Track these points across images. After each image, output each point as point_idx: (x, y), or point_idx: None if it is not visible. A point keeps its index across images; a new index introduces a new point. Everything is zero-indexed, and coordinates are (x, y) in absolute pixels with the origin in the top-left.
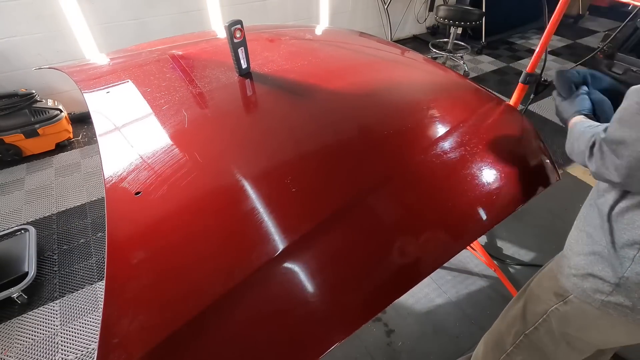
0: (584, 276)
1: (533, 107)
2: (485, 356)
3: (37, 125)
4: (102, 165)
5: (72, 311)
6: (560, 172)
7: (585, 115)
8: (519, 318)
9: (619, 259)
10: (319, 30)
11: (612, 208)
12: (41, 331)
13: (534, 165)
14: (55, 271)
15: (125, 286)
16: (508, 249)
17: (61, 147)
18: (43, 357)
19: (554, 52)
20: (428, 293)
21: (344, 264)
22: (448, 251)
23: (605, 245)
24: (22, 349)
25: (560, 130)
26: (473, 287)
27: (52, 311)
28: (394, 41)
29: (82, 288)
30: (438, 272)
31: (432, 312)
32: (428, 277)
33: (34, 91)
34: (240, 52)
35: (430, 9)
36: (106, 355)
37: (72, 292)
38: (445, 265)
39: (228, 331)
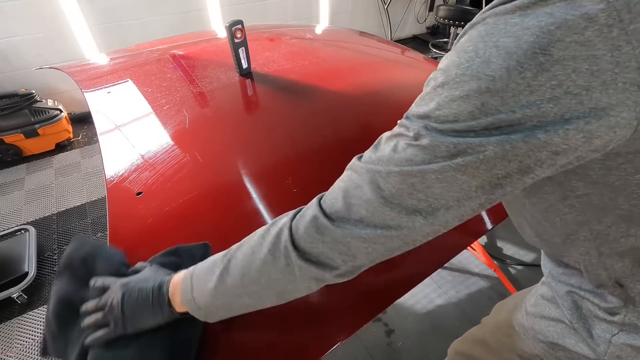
0: (554, 345)
1: None
2: None
3: (37, 125)
4: (103, 166)
5: None
6: None
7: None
8: None
9: (592, 339)
10: (319, 30)
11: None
12: (41, 331)
13: None
14: (55, 271)
15: None
16: (508, 249)
17: (61, 147)
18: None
19: None
20: (428, 293)
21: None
22: (448, 251)
23: (571, 317)
24: (22, 349)
25: None
26: (473, 287)
27: None
28: (394, 41)
29: None
30: (438, 272)
31: (432, 312)
32: (428, 277)
33: (34, 91)
34: (241, 52)
35: (430, 9)
36: None
37: None
38: (445, 265)
39: (230, 331)
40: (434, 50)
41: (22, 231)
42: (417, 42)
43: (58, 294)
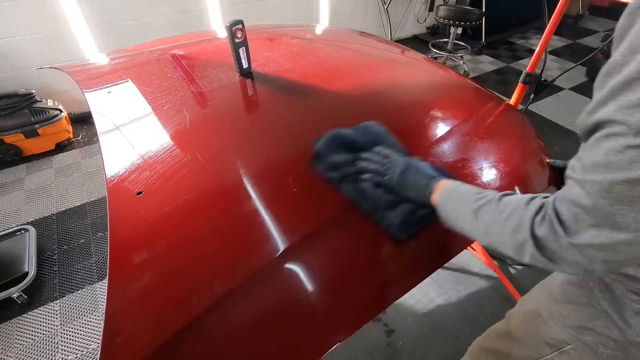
0: (580, 329)
1: (533, 107)
2: None
3: (37, 125)
4: (104, 165)
5: (72, 311)
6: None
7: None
8: (505, 357)
9: (624, 320)
10: (319, 30)
11: None
12: (41, 331)
13: (534, 164)
14: (55, 271)
15: (127, 286)
16: None
17: (61, 147)
18: (43, 357)
19: (554, 52)
20: (428, 293)
21: (345, 264)
22: (448, 251)
23: (602, 300)
24: (22, 349)
25: (560, 131)
26: (473, 287)
27: (52, 311)
28: (394, 41)
29: (82, 288)
30: (438, 272)
31: (432, 312)
32: (428, 277)
33: (34, 91)
34: (241, 52)
35: (430, 9)
36: (109, 354)
37: (72, 292)
38: (445, 265)
39: (230, 331)
40: (434, 50)
41: (22, 231)
42: (417, 42)
43: (351, 133)
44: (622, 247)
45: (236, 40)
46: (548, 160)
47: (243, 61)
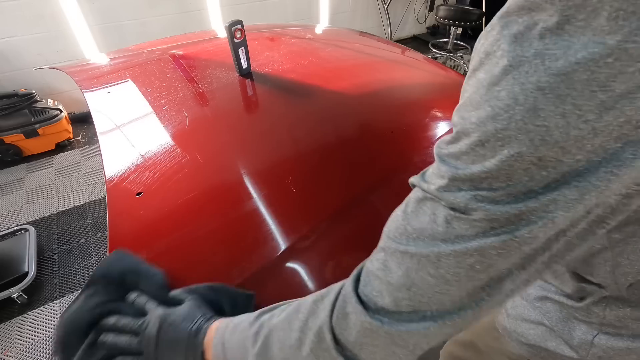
0: (537, 347)
1: None
2: None
3: (37, 125)
4: (103, 166)
5: None
6: None
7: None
8: None
9: (574, 340)
10: (319, 30)
11: None
12: (41, 331)
13: None
14: (55, 271)
15: None
16: None
17: (61, 147)
18: (43, 357)
19: None
20: None
21: (345, 264)
22: None
23: (553, 320)
24: (22, 349)
25: None
26: None
27: (52, 311)
28: (394, 41)
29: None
30: None
31: None
32: None
33: (34, 91)
34: (241, 52)
35: (430, 9)
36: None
37: (72, 292)
38: None
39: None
40: (434, 50)
41: (22, 231)
42: (417, 42)
43: (87, 298)
44: (442, 330)
45: (235, 41)
46: None
47: (242, 61)
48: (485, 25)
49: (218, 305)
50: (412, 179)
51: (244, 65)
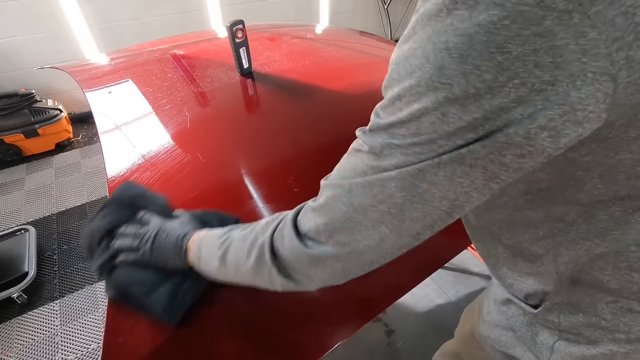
0: (508, 356)
1: None
2: None
3: (37, 125)
4: (105, 165)
5: (72, 311)
6: None
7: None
8: None
9: (536, 346)
10: (319, 30)
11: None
12: (41, 331)
13: None
14: (55, 271)
15: None
16: None
17: (61, 147)
18: (43, 357)
19: None
20: (428, 293)
21: None
22: (448, 251)
23: (520, 325)
24: (22, 349)
25: None
26: (473, 287)
27: (52, 311)
28: (394, 41)
29: (82, 288)
30: (438, 272)
31: (432, 312)
32: (428, 277)
33: (34, 91)
34: (242, 52)
35: None
36: (111, 354)
37: (72, 292)
38: (445, 265)
39: (231, 330)
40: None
41: (22, 231)
42: None
43: (103, 216)
44: (358, 256)
45: (237, 40)
46: None
47: (244, 61)
48: None
49: (209, 224)
50: (357, 130)
51: (245, 65)
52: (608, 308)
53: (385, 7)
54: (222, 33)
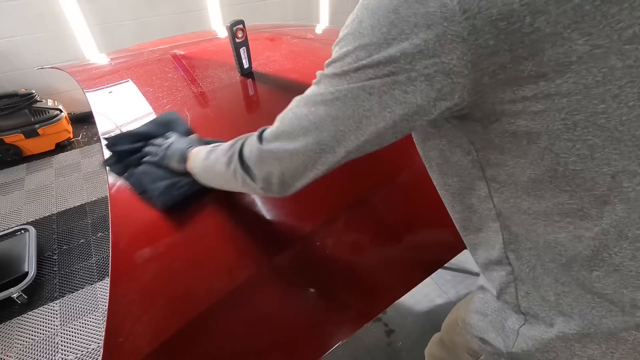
0: (483, 341)
1: None
2: None
3: (37, 125)
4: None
5: (72, 311)
6: None
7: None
8: None
9: (504, 331)
10: (319, 30)
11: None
12: (41, 331)
13: None
14: (55, 271)
15: (129, 286)
16: None
17: (61, 147)
18: (43, 357)
19: None
20: (428, 293)
21: (345, 264)
22: (449, 251)
23: (493, 310)
24: (22, 349)
25: None
26: (473, 287)
27: (52, 311)
28: None
29: (82, 288)
30: (438, 272)
31: (432, 312)
32: (428, 277)
33: (34, 91)
34: (242, 52)
35: None
36: (111, 354)
37: (72, 292)
38: (445, 265)
39: (231, 330)
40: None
41: (22, 231)
42: None
43: (144, 126)
44: (294, 156)
45: (237, 40)
46: None
47: (244, 61)
48: None
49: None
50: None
51: (245, 65)
52: (551, 287)
53: None
54: (222, 33)
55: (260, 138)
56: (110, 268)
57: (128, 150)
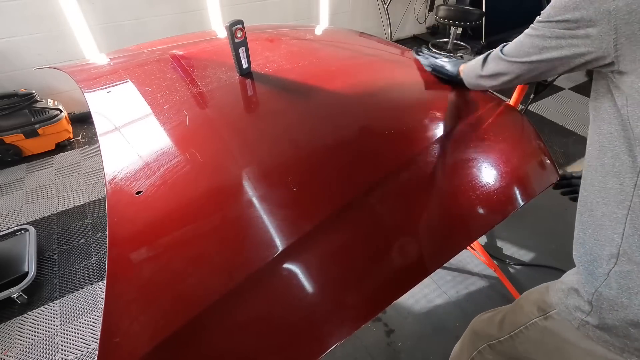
0: (569, 291)
1: (533, 107)
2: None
3: (37, 125)
4: (103, 165)
5: (72, 311)
6: (560, 172)
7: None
8: (495, 325)
9: (595, 273)
10: (319, 30)
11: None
12: (41, 331)
13: (534, 165)
14: (55, 271)
15: (126, 286)
16: (508, 249)
17: (61, 147)
18: (43, 357)
19: None
20: (428, 293)
21: (345, 263)
22: (448, 251)
23: (593, 250)
24: (22, 349)
25: (560, 131)
26: (473, 287)
27: (52, 311)
28: (394, 41)
29: (82, 288)
30: (438, 272)
31: (432, 312)
32: (428, 277)
33: (34, 91)
34: (241, 52)
35: (430, 9)
36: (107, 354)
37: (72, 292)
38: (445, 265)
39: (229, 331)
40: (434, 50)
41: (22, 231)
42: (417, 42)
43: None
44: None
45: (236, 40)
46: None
47: (243, 61)
48: (486, 25)
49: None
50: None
51: (244, 65)
52: None
53: (385, 7)
54: (222, 33)
55: (501, 51)
56: (106, 268)
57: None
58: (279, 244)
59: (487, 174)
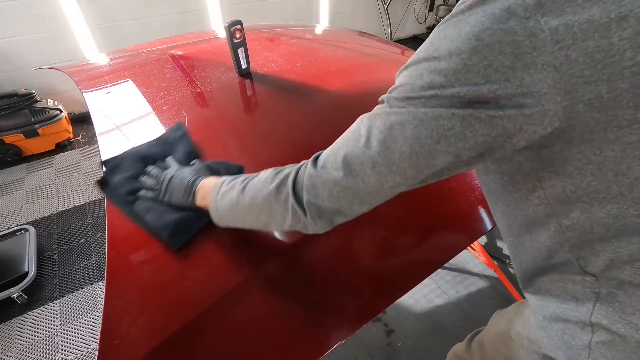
0: (545, 357)
1: None
2: None
3: (37, 125)
4: (102, 166)
5: (72, 311)
6: None
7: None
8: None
9: (572, 349)
10: (318, 30)
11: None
12: (41, 331)
13: None
14: (55, 271)
15: (125, 287)
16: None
17: (61, 147)
18: (43, 357)
19: None
20: (428, 293)
21: (345, 264)
22: (448, 251)
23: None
24: (22, 349)
25: None
26: (473, 287)
27: (52, 311)
28: (394, 41)
29: (82, 288)
30: (438, 272)
31: (432, 312)
32: (428, 277)
33: (34, 91)
34: (240, 52)
35: (430, 9)
36: (106, 356)
37: (72, 292)
38: (445, 265)
39: (229, 331)
40: None
41: (22, 231)
42: (417, 42)
43: (148, 145)
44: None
45: (235, 41)
46: None
47: (242, 61)
48: None
49: (217, 173)
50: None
51: (244, 66)
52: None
53: (385, 7)
54: (221, 33)
55: (315, 164)
56: (106, 269)
57: (127, 177)
58: (279, 245)
59: None
